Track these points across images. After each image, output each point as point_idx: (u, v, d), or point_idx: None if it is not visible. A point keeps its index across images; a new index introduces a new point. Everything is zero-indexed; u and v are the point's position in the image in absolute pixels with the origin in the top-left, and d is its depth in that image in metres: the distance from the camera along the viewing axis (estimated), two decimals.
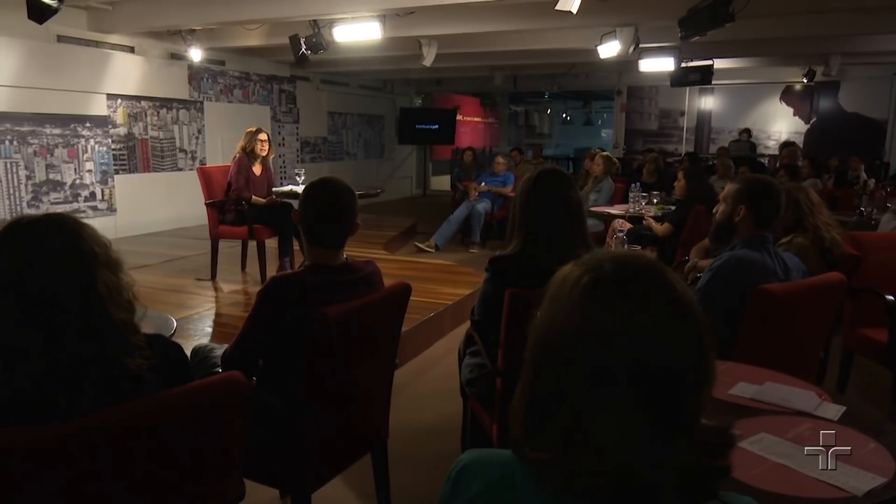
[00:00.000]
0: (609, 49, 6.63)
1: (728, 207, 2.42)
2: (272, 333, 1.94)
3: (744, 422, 1.52)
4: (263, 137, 5.31)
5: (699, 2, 5.06)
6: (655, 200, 5.77)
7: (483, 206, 7.62)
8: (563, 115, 18.86)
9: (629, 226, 5.25)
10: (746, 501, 0.81)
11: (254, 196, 5.24)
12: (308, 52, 6.42)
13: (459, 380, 2.56)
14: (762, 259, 2.33)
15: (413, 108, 13.64)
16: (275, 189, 5.44)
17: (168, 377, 1.30)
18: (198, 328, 4.17)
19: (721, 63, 8.67)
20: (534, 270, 1.56)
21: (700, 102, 12.37)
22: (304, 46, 6.37)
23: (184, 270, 5.68)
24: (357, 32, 5.97)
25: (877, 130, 11.03)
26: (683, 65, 7.94)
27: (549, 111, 18.51)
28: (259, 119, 9.02)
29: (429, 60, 7.41)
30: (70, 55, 6.75)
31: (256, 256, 5.23)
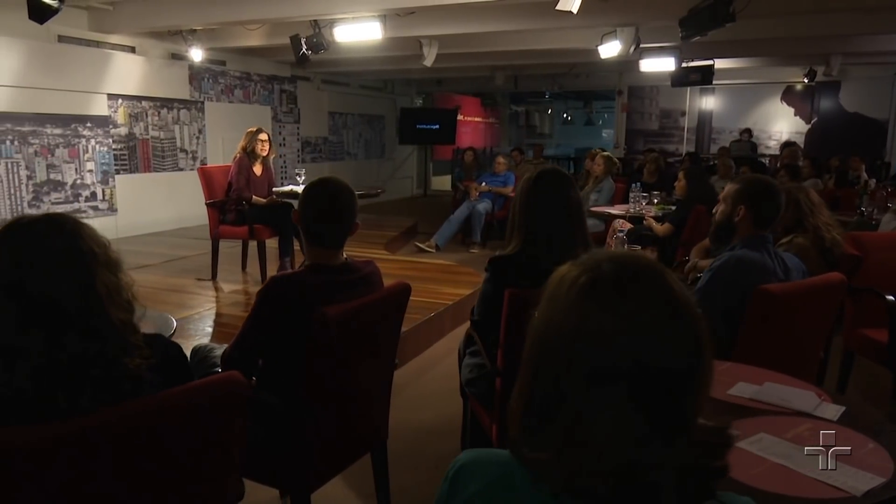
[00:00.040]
0: (610, 49, 6.63)
1: (727, 207, 2.42)
2: (272, 333, 1.94)
3: (743, 422, 1.52)
4: (264, 137, 5.32)
5: (700, 2, 5.06)
6: (656, 200, 5.77)
7: (484, 207, 7.62)
8: (564, 115, 18.85)
9: (630, 226, 5.25)
10: (744, 501, 0.81)
11: (254, 196, 5.24)
12: (309, 53, 6.43)
13: (459, 380, 2.56)
14: (762, 259, 2.33)
15: (414, 108, 13.63)
16: (275, 189, 5.45)
17: (167, 377, 1.31)
18: (198, 328, 4.18)
19: (722, 63, 8.65)
20: (533, 270, 1.55)
21: (701, 102, 12.36)
22: (305, 46, 6.37)
23: (184, 270, 5.69)
24: (358, 32, 5.98)
25: (878, 130, 11.02)
26: (684, 65, 7.94)
27: (550, 111, 18.50)
28: (260, 119, 9.02)
29: (429, 60, 7.41)
30: (71, 55, 6.75)
31: (257, 256, 5.23)
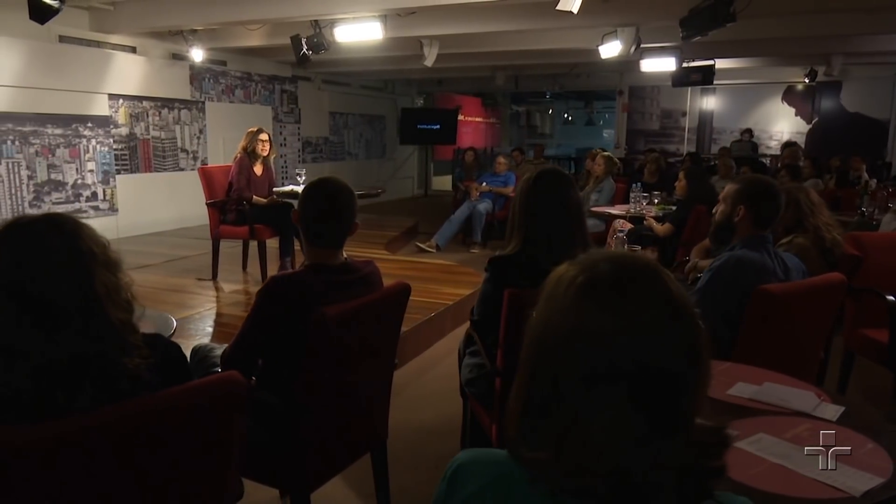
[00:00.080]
0: (610, 49, 6.63)
1: (727, 208, 2.42)
2: (272, 333, 1.94)
3: (742, 422, 1.52)
4: (264, 137, 5.32)
5: (700, 2, 5.06)
6: (656, 200, 5.76)
7: (484, 207, 7.62)
8: (565, 115, 18.87)
9: (630, 226, 5.25)
10: (742, 501, 0.80)
11: (255, 196, 5.24)
12: (309, 53, 6.43)
13: (459, 380, 2.56)
14: (762, 259, 2.33)
15: (414, 109, 13.63)
16: (276, 189, 5.45)
17: (167, 377, 1.30)
18: (198, 328, 4.18)
19: (722, 63, 8.65)
20: (533, 270, 1.55)
21: (702, 102, 12.35)
22: (306, 46, 6.38)
23: (185, 270, 5.69)
24: (358, 33, 5.98)
25: (879, 130, 11.01)
26: (685, 65, 7.94)
27: (551, 111, 18.51)
28: (260, 119, 9.02)
29: (430, 60, 7.41)
30: (72, 55, 6.76)
31: (257, 256, 5.23)
